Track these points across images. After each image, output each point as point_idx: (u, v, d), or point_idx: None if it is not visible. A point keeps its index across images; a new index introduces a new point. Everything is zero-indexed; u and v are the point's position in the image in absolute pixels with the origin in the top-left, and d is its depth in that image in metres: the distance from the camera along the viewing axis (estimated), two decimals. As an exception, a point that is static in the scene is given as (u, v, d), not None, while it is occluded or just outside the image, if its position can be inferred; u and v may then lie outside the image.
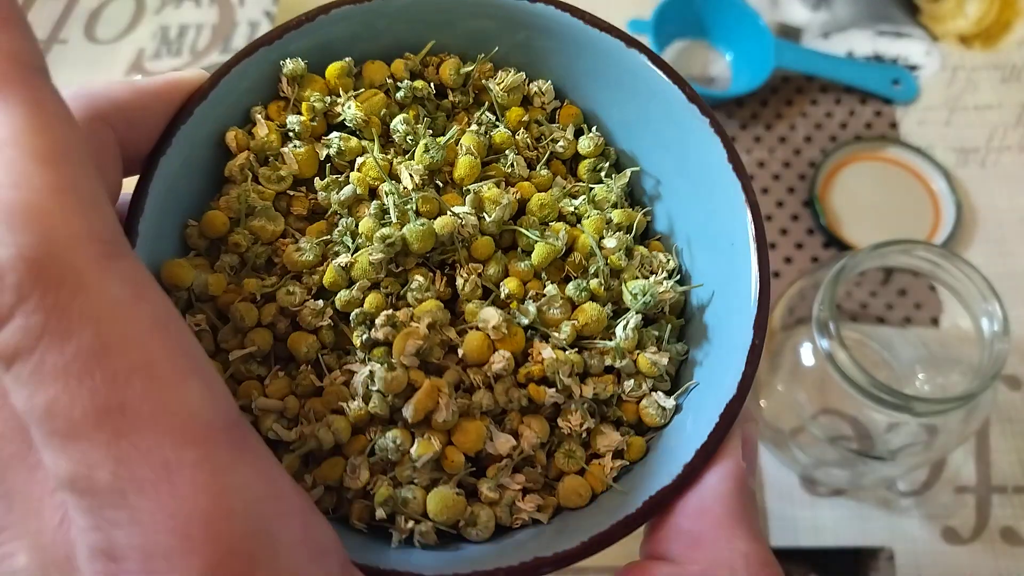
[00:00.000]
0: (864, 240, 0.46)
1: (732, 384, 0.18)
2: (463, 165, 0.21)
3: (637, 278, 0.21)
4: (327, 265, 0.20)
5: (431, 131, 0.22)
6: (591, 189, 0.22)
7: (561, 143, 0.23)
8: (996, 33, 0.54)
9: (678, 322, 0.21)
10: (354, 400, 0.18)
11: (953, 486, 0.41)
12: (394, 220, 0.20)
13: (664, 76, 0.21)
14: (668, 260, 0.22)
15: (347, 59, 0.22)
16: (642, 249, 0.22)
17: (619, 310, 0.21)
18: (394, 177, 0.21)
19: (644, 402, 0.20)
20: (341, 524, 0.19)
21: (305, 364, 0.19)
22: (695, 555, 0.17)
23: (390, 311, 0.19)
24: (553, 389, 0.19)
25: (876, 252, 0.33)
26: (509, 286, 0.20)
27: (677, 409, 0.20)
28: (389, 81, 0.22)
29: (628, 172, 0.23)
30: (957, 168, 0.49)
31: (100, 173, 0.14)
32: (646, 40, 0.51)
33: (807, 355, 0.36)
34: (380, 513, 0.18)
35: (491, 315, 0.19)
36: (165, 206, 0.19)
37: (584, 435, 0.20)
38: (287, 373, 0.19)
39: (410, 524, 0.18)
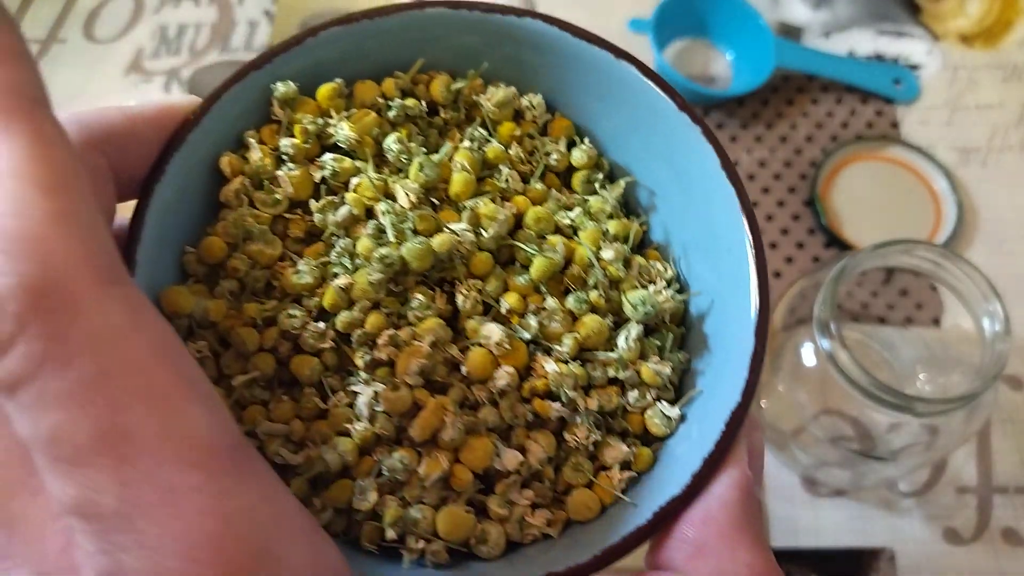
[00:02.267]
0: (865, 240, 0.46)
1: (736, 392, 0.18)
2: (458, 182, 0.21)
3: (636, 288, 0.21)
4: (326, 287, 0.19)
5: (424, 149, 0.21)
6: (586, 201, 0.22)
7: (554, 156, 0.22)
8: (997, 32, 0.54)
9: (679, 331, 0.21)
10: (359, 421, 0.18)
11: (954, 487, 0.41)
12: (392, 239, 0.19)
13: (654, 86, 0.21)
14: (666, 269, 0.22)
15: (338, 80, 0.22)
16: (640, 259, 0.22)
17: (619, 321, 0.21)
18: (389, 196, 0.21)
19: (649, 412, 0.20)
20: (352, 546, 0.19)
21: (309, 387, 0.19)
22: (698, 565, 0.17)
23: (392, 331, 0.19)
24: (558, 403, 0.19)
25: (877, 252, 0.33)
26: (509, 301, 0.20)
27: (682, 418, 0.20)
28: (380, 100, 0.22)
29: (622, 182, 0.23)
30: (958, 168, 0.49)
31: (96, 201, 0.14)
32: (647, 39, 0.51)
33: (808, 355, 0.36)
34: (390, 534, 0.18)
35: (493, 331, 0.19)
36: (162, 234, 0.19)
37: (591, 448, 0.20)
38: (291, 396, 0.19)
39: (420, 544, 0.18)
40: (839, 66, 0.51)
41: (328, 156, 0.21)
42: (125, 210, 0.19)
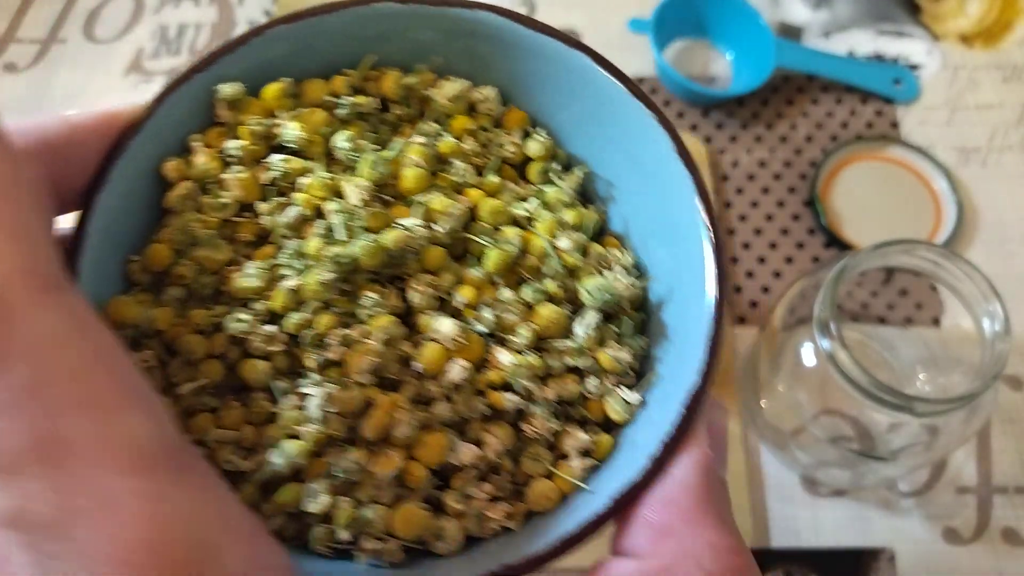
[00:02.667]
0: (865, 240, 0.46)
1: (694, 374, 0.18)
2: (410, 177, 0.20)
3: (593, 275, 0.21)
4: (276, 289, 0.19)
5: (376, 146, 0.21)
6: (542, 192, 0.22)
7: (509, 147, 0.22)
8: (997, 33, 0.54)
9: (639, 317, 0.21)
10: (310, 423, 0.18)
11: (954, 487, 0.41)
12: (342, 238, 0.19)
13: (607, 74, 0.20)
14: (624, 255, 0.22)
15: (286, 79, 0.21)
16: (597, 247, 0.21)
17: (577, 310, 0.21)
18: (340, 195, 0.20)
19: (609, 399, 0.20)
20: (304, 550, 0.19)
21: (258, 391, 0.19)
22: (660, 548, 0.17)
23: (343, 330, 0.18)
24: (514, 394, 0.19)
25: (877, 252, 0.33)
26: (463, 294, 0.20)
27: (642, 404, 0.20)
28: (330, 99, 0.21)
29: (579, 172, 0.22)
30: (958, 168, 0.49)
31: (37, 210, 0.14)
32: (647, 39, 0.51)
33: (808, 355, 0.36)
34: (344, 535, 0.18)
35: (446, 325, 0.19)
36: (106, 244, 0.19)
37: (549, 437, 0.19)
38: (241, 402, 0.19)
39: (375, 544, 0.18)
40: (839, 66, 0.51)
41: (276, 157, 0.20)
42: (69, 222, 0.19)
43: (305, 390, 0.18)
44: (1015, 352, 0.44)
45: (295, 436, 0.18)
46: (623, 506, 0.17)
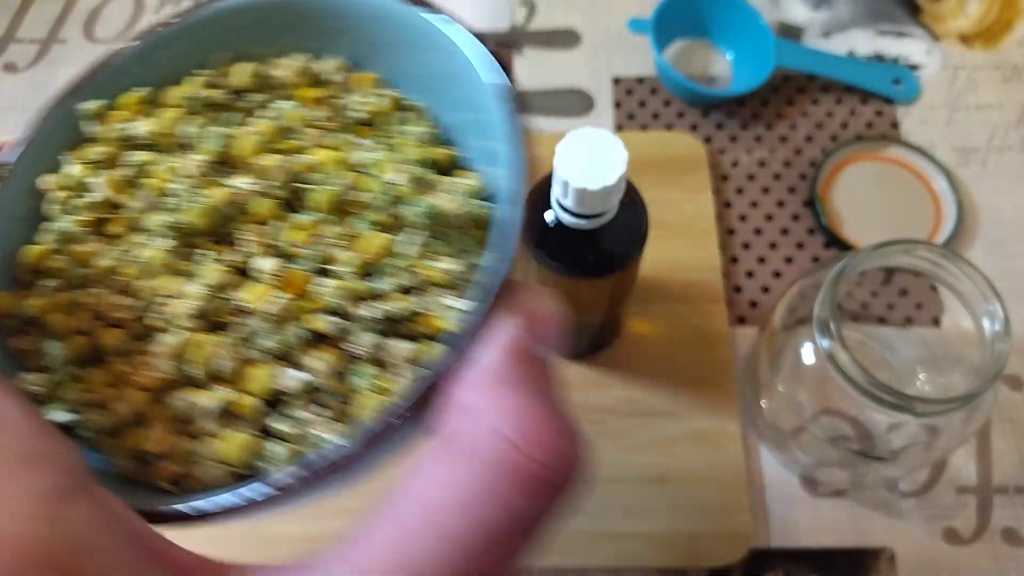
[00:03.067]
0: (865, 240, 0.46)
1: (498, 263, 0.18)
2: (244, 145, 0.22)
3: (419, 198, 0.21)
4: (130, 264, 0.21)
5: (223, 127, 0.23)
6: (389, 142, 0.23)
7: (354, 107, 0.23)
8: (997, 33, 0.54)
9: (479, 233, 0.21)
10: (150, 371, 0.20)
11: (954, 487, 0.41)
12: (179, 206, 0.21)
13: (424, 13, 0.22)
14: (468, 180, 0.22)
15: (143, 89, 0.23)
16: (439, 178, 0.22)
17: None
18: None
19: (438, 310, 0.20)
20: (151, 488, 0.20)
21: (116, 355, 0.20)
22: (460, 426, 0.16)
23: (177, 287, 0.20)
24: (336, 316, 0.20)
25: (877, 252, 0.33)
26: (292, 236, 0.21)
27: (471, 311, 0.20)
28: (185, 98, 0.23)
29: (426, 119, 0.24)
30: (958, 168, 0.49)
31: None
32: (647, 40, 0.51)
33: (808, 355, 0.36)
34: (178, 469, 0.19)
35: (264, 263, 0.20)
36: None
37: (374, 353, 0.20)
38: (106, 369, 0.21)
39: (211, 472, 0.19)
40: (839, 66, 0.51)
41: (132, 153, 0.22)
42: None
43: (152, 347, 0.20)
44: (1015, 352, 0.44)
45: (140, 386, 0.20)
46: (424, 397, 0.17)
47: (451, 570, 0.15)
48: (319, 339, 0.20)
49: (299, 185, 0.22)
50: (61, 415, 0.20)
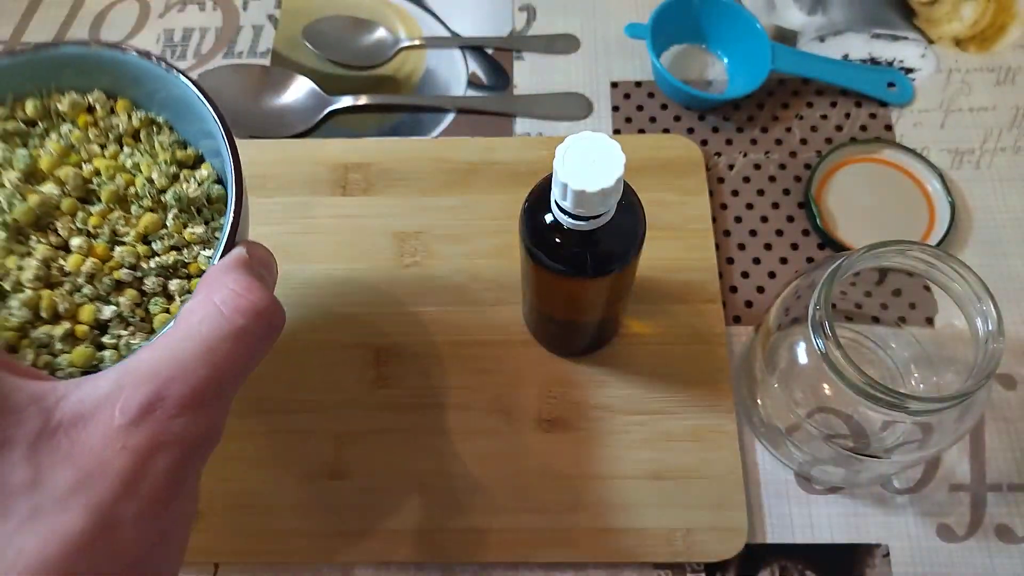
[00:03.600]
0: (859, 241, 0.46)
1: (232, 222, 0.29)
2: (45, 161, 0.32)
3: (173, 186, 0.33)
4: None
5: (24, 150, 0.32)
6: (150, 148, 0.34)
7: (121, 125, 0.34)
8: (991, 36, 0.55)
9: (217, 205, 0.33)
10: (13, 317, 0.30)
11: (948, 484, 0.41)
12: (6, 210, 0.31)
13: (152, 63, 0.33)
14: (204, 170, 0.34)
15: None
16: (185, 172, 0.33)
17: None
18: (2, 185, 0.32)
19: (199, 259, 0.32)
20: None
21: None
22: (195, 301, 0.26)
23: (26, 262, 0.31)
24: (128, 270, 0.31)
25: (871, 253, 0.34)
26: (91, 222, 0.31)
27: (216, 254, 0.30)
28: None
29: (167, 130, 0.34)
30: (952, 170, 0.49)
31: None
32: (644, 45, 0.51)
33: (802, 354, 0.37)
34: (45, 374, 0.28)
35: (75, 241, 0.31)
36: None
37: (160, 289, 0.31)
38: None
39: (66, 374, 0.29)
40: (834, 70, 0.52)
41: None
42: None
43: (9, 303, 0.30)
44: (1008, 351, 0.44)
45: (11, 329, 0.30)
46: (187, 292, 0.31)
47: (198, 379, 0.24)
48: (121, 285, 0.31)
49: (90, 186, 0.32)
50: None
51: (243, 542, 0.40)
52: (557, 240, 0.33)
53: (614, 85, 0.53)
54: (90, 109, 0.34)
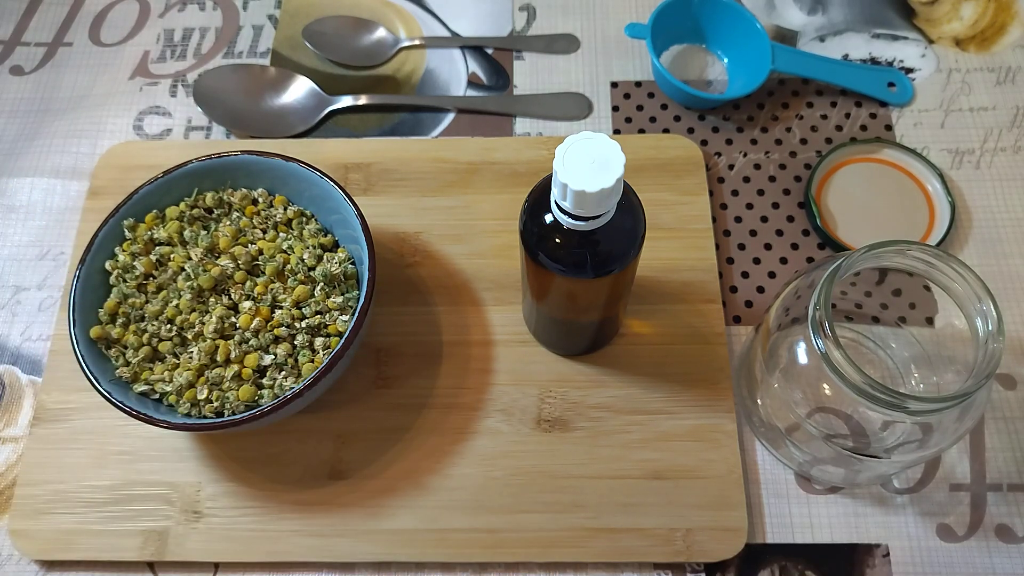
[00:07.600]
0: (859, 241, 0.46)
1: (364, 295, 0.39)
2: (221, 241, 0.41)
3: (320, 264, 0.41)
4: (170, 308, 0.40)
5: (205, 230, 0.42)
6: (301, 234, 0.43)
7: (277, 216, 0.43)
8: (991, 36, 0.55)
9: (351, 282, 0.42)
10: (193, 360, 0.39)
11: (948, 484, 0.41)
12: (193, 275, 0.40)
13: (309, 170, 0.42)
14: (342, 253, 0.42)
15: (154, 211, 0.43)
16: (328, 254, 0.42)
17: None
18: (190, 258, 0.41)
19: (337, 322, 0.40)
20: (201, 416, 0.38)
21: (172, 356, 0.40)
22: None
23: (202, 318, 0.40)
24: (284, 328, 0.39)
25: (871, 253, 0.34)
26: (257, 289, 0.40)
27: (352, 321, 0.39)
28: (179, 214, 0.43)
29: (313, 221, 0.44)
30: (952, 169, 0.49)
31: None
32: (644, 45, 0.51)
33: (802, 354, 0.37)
34: (216, 407, 0.39)
35: (245, 304, 0.40)
36: (84, 306, 0.40)
37: (308, 344, 0.39)
38: (163, 363, 0.40)
39: (232, 407, 0.38)
40: (834, 70, 0.52)
41: (157, 248, 0.42)
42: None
43: (190, 350, 0.40)
44: (1008, 351, 0.44)
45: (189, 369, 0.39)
46: (330, 364, 0.38)
47: None
48: (278, 339, 0.40)
49: (256, 262, 0.41)
50: (141, 387, 0.39)
51: (243, 542, 0.40)
52: (557, 240, 0.33)
53: (614, 85, 0.53)
54: (255, 202, 0.43)
